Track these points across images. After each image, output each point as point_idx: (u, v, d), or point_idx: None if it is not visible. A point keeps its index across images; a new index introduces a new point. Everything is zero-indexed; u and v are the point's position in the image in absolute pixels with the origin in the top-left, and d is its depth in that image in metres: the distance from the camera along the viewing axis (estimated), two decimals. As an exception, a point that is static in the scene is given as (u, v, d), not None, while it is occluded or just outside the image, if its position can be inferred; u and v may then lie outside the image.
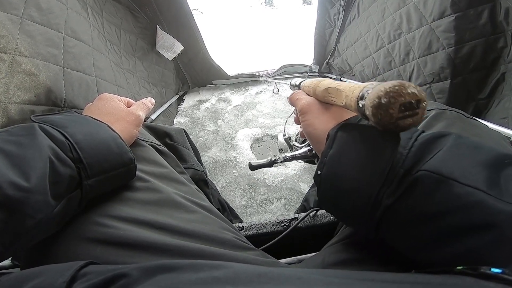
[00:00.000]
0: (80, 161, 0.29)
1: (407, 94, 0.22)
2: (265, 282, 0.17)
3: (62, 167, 0.27)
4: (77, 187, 0.29)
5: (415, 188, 0.23)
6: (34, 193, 0.24)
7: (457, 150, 0.24)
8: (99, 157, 0.30)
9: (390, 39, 1.14)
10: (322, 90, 0.35)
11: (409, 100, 0.22)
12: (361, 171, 0.27)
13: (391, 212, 0.25)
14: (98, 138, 0.31)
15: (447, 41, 0.91)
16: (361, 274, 0.20)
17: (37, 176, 0.24)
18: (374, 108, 0.22)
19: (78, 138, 0.29)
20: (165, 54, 1.38)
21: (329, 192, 0.30)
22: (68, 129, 0.29)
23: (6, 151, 0.24)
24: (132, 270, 0.19)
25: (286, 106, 1.54)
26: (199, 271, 0.18)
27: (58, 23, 0.56)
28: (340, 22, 1.48)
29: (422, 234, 0.23)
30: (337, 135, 0.30)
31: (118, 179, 0.33)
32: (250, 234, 0.53)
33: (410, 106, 0.22)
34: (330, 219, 0.56)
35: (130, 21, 1.17)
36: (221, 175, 1.16)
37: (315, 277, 0.19)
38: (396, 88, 0.22)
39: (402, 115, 0.22)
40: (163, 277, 0.18)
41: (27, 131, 0.27)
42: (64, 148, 0.28)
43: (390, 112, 0.22)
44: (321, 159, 0.30)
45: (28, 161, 0.25)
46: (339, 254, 0.35)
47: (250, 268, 0.19)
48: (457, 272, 0.18)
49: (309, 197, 0.80)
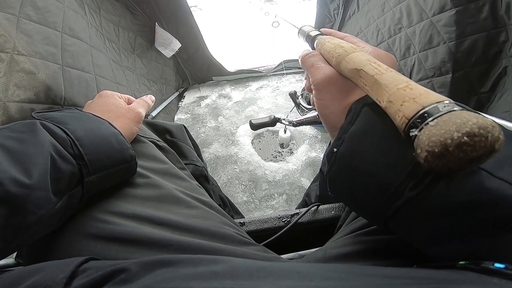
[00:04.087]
0: (81, 158, 0.29)
1: (483, 147, 0.15)
2: (264, 277, 0.17)
3: (63, 164, 0.27)
4: (78, 183, 0.29)
5: (441, 178, 0.21)
6: (36, 189, 0.24)
7: None
8: (100, 154, 0.30)
9: (390, 34, 1.13)
10: (350, 68, 0.26)
11: (484, 152, 0.16)
12: (385, 156, 0.24)
13: (412, 205, 0.23)
14: (99, 134, 0.31)
15: (448, 35, 0.90)
16: (362, 269, 0.20)
17: (39, 172, 0.25)
18: (431, 156, 0.17)
19: (79, 135, 0.29)
20: (163, 51, 1.37)
21: (343, 173, 0.27)
22: (69, 126, 0.29)
23: (8, 147, 0.24)
24: (131, 265, 0.19)
25: (286, 101, 1.53)
26: (198, 265, 0.18)
27: (55, 21, 0.56)
28: (340, 17, 1.47)
29: (443, 227, 0.22)
30: (362, 110, 0.26)
31: (119, 176, 0.33)
32: (251, 230, 0.53)
33: (477, 159, 0.17)
34: (331, 215, 0.56)
35: (128, 19, 1.17)
36: (222, 171, 1.16)
37: (315, 271, 0.19)
38: (474, 140, 0.15)
39: (463, 167, 0.17)
40: (162, 271, 0.18)
41: (28, 128, 0.27)
42: (65, 144, 0.28)
43: (452, 167, 0.17)
44: (339, 135, 0.27)
45: (30, 158, 0.25)
46: (341, 249, 0.35)
47: (249, 263, 0.19)
48: (460, 267, 0.18)
49: (310, 192, 0.80)
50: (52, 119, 0.30)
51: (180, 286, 0.16)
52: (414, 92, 0.19)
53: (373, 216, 0.27)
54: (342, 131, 0.27)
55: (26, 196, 0.23)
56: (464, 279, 0.17)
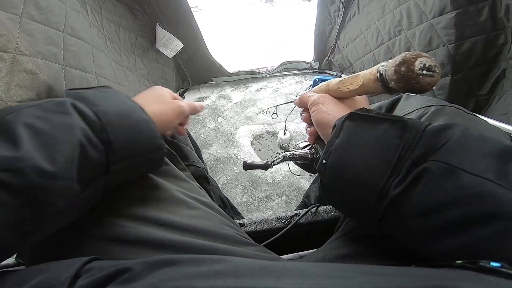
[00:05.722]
0: (109, 144, 0.27)
1: (424, 58, 0.25)
2: (267, 275, 0.18)
3: (92, 150, 0.25)
4: (103, 172, 0.28)
5: (423, 177, 0.23)
6: (59, 179, 0.22)
7: (465, 141, 0.24)
8: (129, 141, 0.28)
9: (390, 36, 1.14)
10: (335, 83, 0.36)
11: (426, 60, 0.25)
12: (368, 161, 0.27)
13: (398, 203, 0.24)
14: (130, 120, 0.29)
15: (448, 37, 0.91)
16: (362, 268, 0.20)
17: (65, 160, 0.23)
18: (396, 66, 0.25)
19: (110, 118, 0.27)
20: (164, 51, 1.37)
21: (333, 182, 0.30)
22: (100, 107, 0.28)
23: (36, 129, 0.23)
24: (135, 265, 0.19)
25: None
26: (201, 264, 0.19)
27: (57, 21, 0.56)
28: (340, 18, 1.47)
29: (428, 225, 0.23)
30: (344, 124, 0.30)
31: (144, 167, 0.32)
32: (251, 231, 0.53)
33: (428, 67, 0.24)
34: (331, 215, 0.56)
35: (129, 19, 1.17)
36: (222, 172, 1.16)
37: (316, 270, 0.19)
38: (416, 53, 0.25)
39: (421, 72, 0.24)
40: (165, 270, 0.19)
41: (59, 108, 0.25)
42: (95, 129, 0.26)
43: (412, 68, 0.24)
44: (327, 148, 0.30)
45: (57, 143, 0.23)
46: (340, 250, 0.35)
47: (252, 262, 0.19)
48: (457, 266, 0.19)
49: (310, 193, 0.80)
50: (85, 99, 0.28)
51: (185, 285, 0.16)
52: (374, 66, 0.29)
53: (367, 220, 0.29)
54: (329, 145, 0.30)
55: (48, 187, 0.22)
56: (461, 277, 0.17)
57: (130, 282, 0.17)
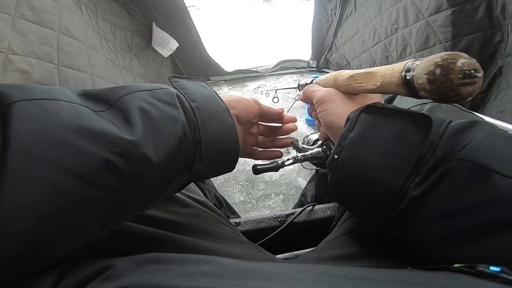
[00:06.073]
0: (199, 143, 0.28)
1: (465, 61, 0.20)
2: (252, 277, 0.17)
3: (185, 147, 0.26)
4: (188, 169, 0.28)
5: (447, 178, 0.21)
6: (158, 172, 0.23)
7: (493, 140, 0.22)
8: (215, 142, 0.29)
9: (387, 34, 1.14)
10: (345, 78, 0.32)
11: (467, 64, 0.20)
12: (385, 158, 0.24)
13: (417, 205, 0.23)
14: (219, 123, 0.30)
15: (444, 35, 0.91)
16: (354, 273, 0.20)
17: (166, 153, 0.23)
18: (431, 74, 0.21)
19: (203, 118, 0.28)
20: (160, 51, 1.37)
21: (345, 179, 0.27)
22: (197, 104, 0.28)
23: (149, 116, 0.23)
24: (120, 262, 0.19)
25: (284, 101, 1.53)
26: (186, 264, 0.18)
27: (51, 21, 0.56)
28: (337, 17, 1.47)
29: (451, 228, 0.21)
30: (359, 117, 0.27)
31: (221, 168, 0.33)
32: (247, 230, 0.53)
33: (469, 74, 0.21)
34: (327, 214, 0.56)
35: (126, 18, 1.17)
36: (219, 172, 1.16)
37: (304, 275, 0.19)
38: (454, 56, 0.20)
39: (462, 82, 0.21)
40: (149, 268, 0.18)
41: (170, 99, 0.26)
42: (191, 126, 0.27)
43: (451, 78, 0.20)
44: (339, 142, 0.27)
45: (164, 134, 0.24)
46: (335, 251, 0.35)
47: (239, 263, 0.19)
48: (454, 270, 0.18)
49: (306, 192, 0.81)
50: (186, 92, 0.29)
51: (165, 282, 0.16)
52: (397, 64, 0.25)
53: (378, 221, 0.27)
54: (342, 138, 0.27)
55: (148, 177, 0.22)
56: (459, 284, 0.16)
57: (112, 278, 0.17)
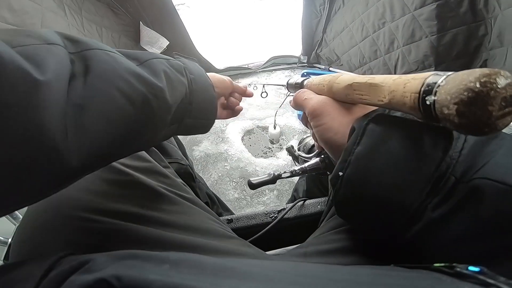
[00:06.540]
0: (190, 103, 0.36)
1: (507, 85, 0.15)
2: (229, 276, 0.18)
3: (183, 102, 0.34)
4: (178, 120, 0.35)
5: (472, 199, 0.19)
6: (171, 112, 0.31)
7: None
8: (201, 106, 0.38)
9: (374, 28, 1.15)
10: (342, 87, 0.27)
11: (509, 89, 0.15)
12: (398, 175, 0.22)
13: (435, 227, 0.20)
14: (206, 93, 0.39)
15: (430, 29, 0.92)
16: (334, 273, 0.20)
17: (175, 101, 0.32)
18: (463, 105, 0.15)
19: (195, 87, 0.36)
20: (150, 50, 1.36)
21: (351, 198, 0.25)
22: (193, 76, 0.37)
23: (168, 76, 0.31)
24: (100, 257, 0.20)
25: (276, 97, 1.54)
26: (164, 260, 0.19)
27: (33, 23, 0.55)
28: (326, 12, 1.47)
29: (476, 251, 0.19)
30: (367, 128, 0.24)
31: (201, 126, 0.40)
32: (239, 227, 0.54)
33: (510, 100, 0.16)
34: (317, 209, 0.57)
35: (111, 19, 1.15)
36: (213, 169, 1.16)
37: (282, 275, 0.19)
38: (494, 78, 0.15)
39: (502, 113, 0.16)
40: (127, 263, 0.19)
41: (180, 69, 0.34)
42: (187, 90, 0.35)
43: (490, 110, 0.15)
44: (344, 157, 0.25)
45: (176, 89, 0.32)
46: (322, 246, 0.35)
47: (218, 262, 0.19)
48: (434, 269, 0.18)
49: (298, 187, 0.81)
50: (186, 66, 0.36)
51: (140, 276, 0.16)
52: (407, 77, 0.20)
53: (387, 238, 0.25)
54: (347, 153, 0.24)
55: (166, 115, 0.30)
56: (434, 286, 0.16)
57: (91, 271, 0.18)
